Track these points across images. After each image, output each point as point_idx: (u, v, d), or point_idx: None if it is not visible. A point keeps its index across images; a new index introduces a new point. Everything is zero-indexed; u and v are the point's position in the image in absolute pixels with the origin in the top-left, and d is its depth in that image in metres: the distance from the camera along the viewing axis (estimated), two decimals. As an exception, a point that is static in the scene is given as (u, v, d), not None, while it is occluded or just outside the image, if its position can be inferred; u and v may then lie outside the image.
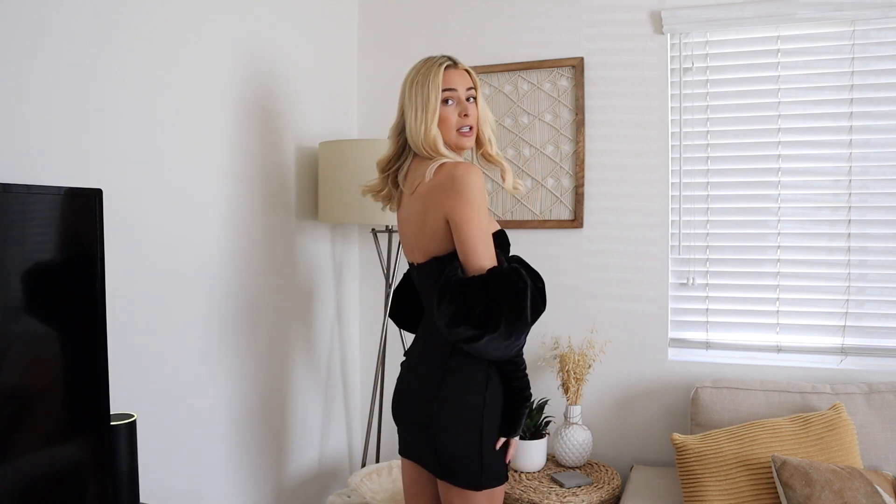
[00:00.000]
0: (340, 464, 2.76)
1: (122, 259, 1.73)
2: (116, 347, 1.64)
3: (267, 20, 2.32)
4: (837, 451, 1.91)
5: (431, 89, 1.66)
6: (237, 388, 2.18)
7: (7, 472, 1.30)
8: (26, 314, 1.36)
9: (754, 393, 2.19)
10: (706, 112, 2.45)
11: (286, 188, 2.42)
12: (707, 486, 1.90)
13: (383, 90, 2.82)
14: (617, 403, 2.54)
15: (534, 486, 2.26)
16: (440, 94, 1.66)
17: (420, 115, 1.66)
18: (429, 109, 1.66)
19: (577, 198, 2.56)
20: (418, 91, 1.67)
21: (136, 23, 1.78)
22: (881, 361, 2.27)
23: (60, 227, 1.43)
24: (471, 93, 1.72)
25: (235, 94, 2.15)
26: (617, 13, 2.51)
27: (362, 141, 2.38)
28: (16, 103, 1.49)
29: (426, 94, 1.66)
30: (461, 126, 1.70)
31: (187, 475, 1.98)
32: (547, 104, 2.61)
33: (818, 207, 2.36)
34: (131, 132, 1.78)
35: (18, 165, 1.48)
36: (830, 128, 2.33)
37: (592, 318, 2.54)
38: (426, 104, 1.66)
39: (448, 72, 1.69)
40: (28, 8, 1.51)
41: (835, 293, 2.34)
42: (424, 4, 2.78)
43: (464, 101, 1.70)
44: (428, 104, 1.66)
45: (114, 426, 1.53)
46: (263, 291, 2.30)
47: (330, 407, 2.67)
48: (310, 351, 2.56)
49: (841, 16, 2.25)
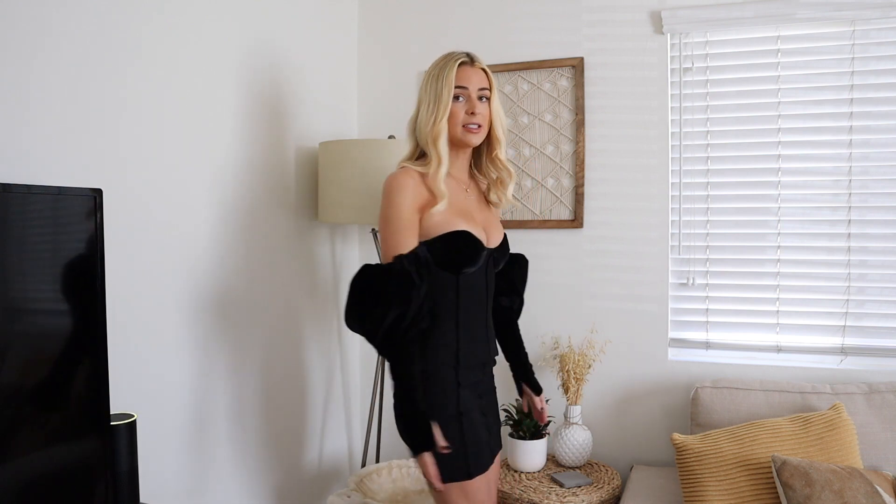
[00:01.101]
0: (340, 464, 2.76)
1: (122, 259, 1.72)
2: (116, 347, 1.64)
3: (267, 20, 2.32)
4: (837, 451, 1.91)
5: (444, 85, 1.71)
6: (237, 387, 2.18)
7: (7, 471, 1.30)
8: (26, 314, 1.36)
9: (754, 393, 2.19)
10: (706, 112, 2.45)
11: (286, 188, 2.42)
12: (707, 486, 1.89)
13: (383, 90, 2.83)
14: (617, 403, 2.54)
15: (534, 486, 2.26)
16: (452, 89, 1.71)
17: (431, 109, 1.72)
18: (440, 104, 1.71)
19: (577, 198, 2.56)
20: (433, 85, 1.73)
21: (137, 23, 1.78)
22: (881, 361, 2.27)
23: (60, 227, 1.43)
24: (484, 92, 1.75)
25: (235, 94, 2.15)
26: (617, 13, 2.51)
27: (362, 141, 2.38)
28: (16, 103, 1.49)
29: (439, 88, 1.72)
30: (468, 123, 1.72)
31: (187, 475, 1.98)
32: (547, 104, 2.61)
33: (818, 207, 2.36)
34: (131, 132, 1.78)
35: (18, 165, 1.48)
36: (830, 128, 2.33)
37: (592, 318, 2.54)
38: (438, 98, 1.71)
39: (462, 68, 1.73)
40: (28, 8, 1.51)
41: (835, 293, 2.34)
42: (424, 4, 2.78)
43: (473, 99, 1.73)
44: (440, 99, 1.71)
45: (114, 426, 1.53)
46: (263, 291, 2.30)
47: (330, 407, 2.67)
48: (310, 351, 2.56)
49: (841, 16, 2.25)
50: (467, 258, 1.71)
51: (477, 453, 1.72)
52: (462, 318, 1.74)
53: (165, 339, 1.90)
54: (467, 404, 1.72)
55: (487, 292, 1.81)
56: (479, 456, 1.73)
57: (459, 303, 1.73)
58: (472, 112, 1.72)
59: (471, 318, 1.76)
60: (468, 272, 1.73)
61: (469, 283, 1.74)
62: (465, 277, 1.74)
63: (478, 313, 1.78)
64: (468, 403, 1.73)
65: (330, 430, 2.68)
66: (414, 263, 1.64)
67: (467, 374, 1.74)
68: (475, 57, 1.77)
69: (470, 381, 1.75)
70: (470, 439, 1.71)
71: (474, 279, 1.75)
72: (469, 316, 1.75)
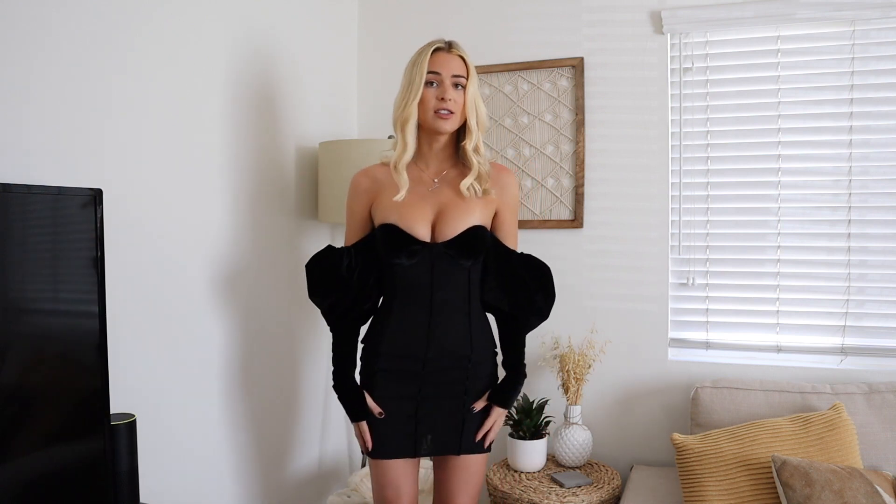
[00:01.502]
0: (340, 464, 2.76)
1: (122, 259, 1.72)
2: (116, 347, 1.64)
3: (267, 20, 2.32)
4: (837, 451, 1.91)
5: (416, 71, 1.73)
6: (237, 387, 2.18)
7: (7, 471, 1.30)
8: (26, 314, 1.36)
9: (754, 393, 2.19)
10: (706, 112, 2.45)
11: (286, 188, 2.42)
12: (707, 486, 1.89)
13: (383, 90, 2.82)
14: (617, 403, 2.54)
15: (534, 486, 2.26)
16: (425, 74, 1.72)
17: (403, 94, 1.75)
18: (411, 89, 1.73)
19: (577, 198, 2.56)
20: (408, 71, 1.76)
21: (136, 23, 1.78)
22: (881, 361, 2.27)
23: (60, 227, 1.43)
24: (458, 79, 1.75)
25: (235, 95, 2.15)
26: (617, 13, 2.51)
27: (362, 141, 2.38)
28: (16, 103, 1.49)
29: (413, 74, 1.74)
30: (438, 108, 1.72)
31: (187, 475, 1.98)
32: (547, 104, 2.61)
33: (818, 207, 2.36)
34: (132, 132, 1.78)
35: (18, 165, 1.48)
36: (830, 128, 2.33)
37: (592, 318, 2.54)
38: (410, 84, 1.74)
39: (437, 55, 1.74)
40: (28, 8, 1.51)
41: (835, 293, 2.34)
42: (424, 4, 2.78)
43: (446, 85, 1.73)
44: (412, 83, 1.73)
45: (114, 426, 1.53)
46: (263, 291, 2.30)
47: (330, 407, 2.67)
48: (310, 350, 2.56)
49: (841, 16, 2.25)
50: (391, 251, 1.75)
51: (380, 437, 1.80)
52: (396, 309, 1.79)
53: (165, 339, 1.90)
54: (383, 391, 1.80)
55: (432, 287, 1.75)
56: (384, 441, 1.80)
57: (395, 293, 1.80)
58: (443, 98, 1.71)
59: (407, 310, 1.78)
60: (402, 264, 1.75)
61: (405, 275, 1.76)
62: (402, 269, 1.76)
63: (417, 307, 1.77)
64: (384, 390, 1.80)
65: (330, 430, 2.68)
66: (348, 256, 1.81)
67: (391, 362, 1.79)
68: (454, 44, 1.77)
69: (394, 368, 1.80)
70: (374, 423, 1.80)
71: (412, 272, 1.76)
72: (404, 308, 1.78)
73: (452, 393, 1.81)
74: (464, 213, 1.77)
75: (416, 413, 1.79)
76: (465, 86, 1.75)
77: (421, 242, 1.75)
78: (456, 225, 1.76)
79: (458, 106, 1.74)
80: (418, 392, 1.79)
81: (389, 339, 1.79)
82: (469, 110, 1.75)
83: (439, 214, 1.77)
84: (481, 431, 1.83)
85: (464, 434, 1.81)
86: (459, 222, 1.76)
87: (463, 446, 1.82)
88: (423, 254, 1.75)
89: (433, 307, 1.77)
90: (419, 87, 1.71)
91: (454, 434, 1.81)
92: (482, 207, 1.80)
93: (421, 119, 1.75)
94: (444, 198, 1.79)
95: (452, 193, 1.79)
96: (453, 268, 1.77)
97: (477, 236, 1.78)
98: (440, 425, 1.81)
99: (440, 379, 1.80)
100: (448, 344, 1.79)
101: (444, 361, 1.79)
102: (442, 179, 1.82)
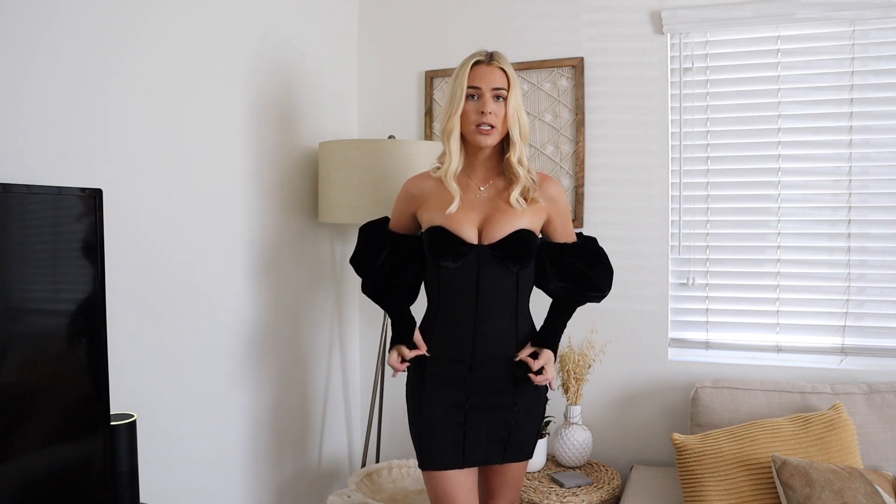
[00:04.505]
0: (340, 464, 2.76)
1: (121, 259, 1.72)
2: (116, 347, 1.64)
3: (267, 21, 2.31)
4: (837, 451, 1.91)
5: (457, 84, 1.74)
6: (237, 387, 2.18)
7: (7, 471, 1.30)
8: (26, 314, 1.36)
9: (754, 393, 2.19)
10: (706, 112, 2.45)
11: (286, 188, 2.42)
12: (707, 486, 1.89)
13: (383, 90, 2.82)
14: (617, 403, 2.54)
15: (534, 486, 2.26)
16: (465, 89, 1.72)
17: (447, 107, 1.76)
18: (453, 103, 1.74)
19: (577, 198, 2.56)
20: (451, 84, 1.77)
21: (137, 22, 1.78)
22: (881, 361, 2.27)
23: (60, 227, 1.43)
24: (499, 92, 1.73)
25: (235, 95, 2.15)
26: (617, 13, 2.51)
27: (362, 141, 2.38)
28: (16, 103, 1.49)
29: (454, 87, 1.75)
30: (479, 123, 1.72)
31: (187, 475, 1.98)
32: (547, 104, 2.61)
33: (818, 207, 2.36)
34: (132, 132, 1.78)
35: (18, 165, 1.48)
36: (830, 128, 2.33)
37: (592, 318, 2.54)
38: (452, 97, 1.75)
39: (477, 68, 1.74)
40: (28, 7, 1.51)
41: (835, 293, 2.34)
42: (424, 4, 2.78)
43: (486, 98, 1.72)
44: (454, 97, 1.74)
45: (114, 426, 1.53)
46: (263, 291, 2.30)
47: (330, 407, 2.67)
48: (310, 351, 2.56)
49: (841, 16, 2.25)
50: (437, 253, 1.75)
51: (430, 448, 1.76)
52: (443, 312, 1.79)
53: (165, 339, 1.90)
54: (431, 397, 1.77)
55: (479, 291, 1.75)
56: (434, 452, 1.75)
57: (441, 295, 1.79)
58: (483, 112, 1.71)
59: (452, 313, 1.77)
60: (448, 266, 1.74)
61: (451, 278, 1.76)
62: (448, 272, 1.75)
63: (462, 310, 1.76)
64: (433, 397, 1.77)
65: (330, 430, 2.68)
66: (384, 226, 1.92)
67: (438, 367, 1.78)
68: (495, 55, 1.76)
69: (439, 372, 1.78)
70: (424, 432, 1.76)
71: (458, 275, 1.75)
72: (450, 311, 1.77)
73: (500, 403, 1.79)
74: (511, 217, 1.76)
75: (464, 422, 1.77)
76: (507, 98, 1.73)
77: (468, 244, 1.74)
78: (503, 228, 1.75)
79: (498, 119, 1.72)
80: (466, 399, 1.77)
81: (437, 342, 1.79)
82: (511, 122, 1.73)
83: (486, 219, 1.77)
84: (536, 365, 1.76)
85: (508, 445, 1.80)
86: (506, 226, 1.75)
87: (506, 457, 1.81)
88: (470, 256, 1.74)
89: (478, 310, 1.75)
90: (460, 100, 1.72)
91: (499, 445, 1.80)
92: (531, 215, 1.79)
93: (463, 132, 1.76)
94: (492, 204, 1.79)
95: (500, 201, 1.78)
96: (500, 272, 1.75)
97: (524, 239, 1.76)
98: (486, 436, 1.79)
99: (488, 387, 1.78)
100: (494, 348, 1.78)
101: (490, 367, 1.78)
102: (489, 188, 1.81)
